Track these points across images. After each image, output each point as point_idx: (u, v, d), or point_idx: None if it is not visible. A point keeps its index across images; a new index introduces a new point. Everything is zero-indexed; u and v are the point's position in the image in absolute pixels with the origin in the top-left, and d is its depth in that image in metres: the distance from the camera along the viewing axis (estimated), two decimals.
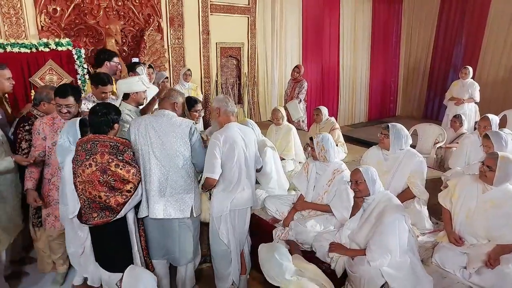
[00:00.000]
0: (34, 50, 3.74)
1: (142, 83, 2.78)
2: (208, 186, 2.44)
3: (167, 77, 4.74)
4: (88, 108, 2.89)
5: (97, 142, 2.15)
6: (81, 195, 2.17)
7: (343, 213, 2.47)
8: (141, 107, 3.00)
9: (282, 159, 3.64)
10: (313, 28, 7.34)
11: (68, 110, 2.50)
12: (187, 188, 2.38)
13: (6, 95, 3.09)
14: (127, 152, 2.20)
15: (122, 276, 1.59)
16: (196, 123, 2.84)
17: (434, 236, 2.52)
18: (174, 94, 2.44)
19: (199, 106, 3.12)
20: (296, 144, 3.81)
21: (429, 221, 2.74)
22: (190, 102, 3.04)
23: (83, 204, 2.18)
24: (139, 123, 2.34)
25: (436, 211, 2.81)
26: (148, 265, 2.44)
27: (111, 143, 2.16)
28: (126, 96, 2.83)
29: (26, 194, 2.55)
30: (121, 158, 2.15)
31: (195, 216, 2.44)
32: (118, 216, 2.19)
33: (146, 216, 2.36)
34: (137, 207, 2.35)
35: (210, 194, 2.57)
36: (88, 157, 2.12)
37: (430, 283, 2.06)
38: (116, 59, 3.54)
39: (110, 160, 2.11)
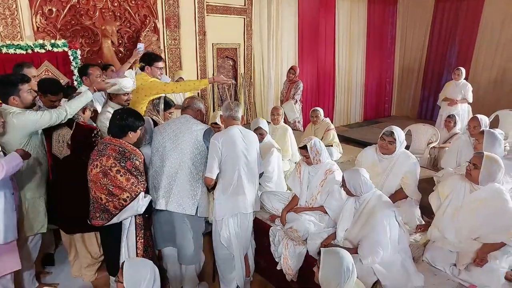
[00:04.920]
0: (29, 51, 3.75)
1: (119, 87, 2.82)
2: (207, 185, 2.50)
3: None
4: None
5: (109, 145, 2.21)
6: (90, 192, 2.26)
7: (336, 211, 2.50)
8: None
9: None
10: (309, 29, 7.39)
11: None
12: (194, 186, 2.43)
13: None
14: (131, 160, 2.21)
15: (121, 270, 1.60)
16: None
17: (423, 235, 2.57)
18: (197, 102, 2.60)
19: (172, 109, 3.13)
20: (293, 144, 3.86)
21: (422, 220, 2.79)
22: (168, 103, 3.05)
23: (90, 201, 2.27)
24: (164, 126, 2.53)
25: (428, 211, 2.85)
26: None
27: (120, 148, 2.20)
28: (110, 96, 2.94)
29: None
30: (123, 164, 2.17)
31: (199, 215, 2.46)
32: (111, 222, 2.21)
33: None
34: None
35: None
36: (97, 157, 2.18)
37: (421, 280, 2.11)
38: (158, 64, 3.41)
39: (113, 165, 2.14)
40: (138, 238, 2.32)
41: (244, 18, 6.35)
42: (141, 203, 2.23)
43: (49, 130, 2.66)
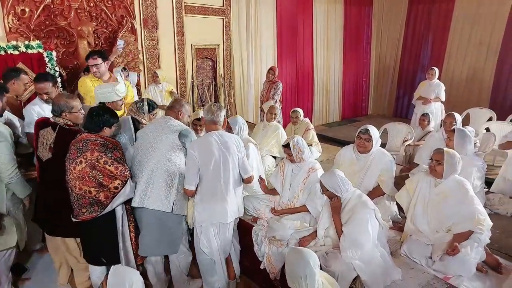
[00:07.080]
0: (2, 52, 3.62)
1: (116, 94, 2.80)
2: (188, 195, 2.51)
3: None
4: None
5: (89, 141, 2.28)
6: (72, 191, 2.28)
7: (318, 208, 2.56)
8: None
9: (272, 156, 3.94)
10: (287, 30, 7.47)
11: None
12: (169, 185, 2.42)
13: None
14: (116, 150, 2.32)
15: (106, 276, 1.60)
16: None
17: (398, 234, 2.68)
18: (182, 104, 2.66)
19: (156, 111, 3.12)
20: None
21: (398, 216, 2.91)
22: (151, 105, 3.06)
23: (73, 200, 2.30)
24: (146, 127, 2.64)
25: None
26: (137, 261, 2.52)
27: (101, 142, 2.29)
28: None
29: None
30: (110, 155, 2.26)
31: (174, 213, 2.44)
32: (106, 210, 2.28)
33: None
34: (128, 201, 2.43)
35: None
36: (79, 154, 2.24)
37: (399, 274, 2.21)
38: (89, 61, 3.39)
39: (99, 157, 2.22)
40: (130, 222, 2.47)
41: (223, 18, 6.36)
42: (131, 186, 2.35)
43: (37, 130, 2.61)
